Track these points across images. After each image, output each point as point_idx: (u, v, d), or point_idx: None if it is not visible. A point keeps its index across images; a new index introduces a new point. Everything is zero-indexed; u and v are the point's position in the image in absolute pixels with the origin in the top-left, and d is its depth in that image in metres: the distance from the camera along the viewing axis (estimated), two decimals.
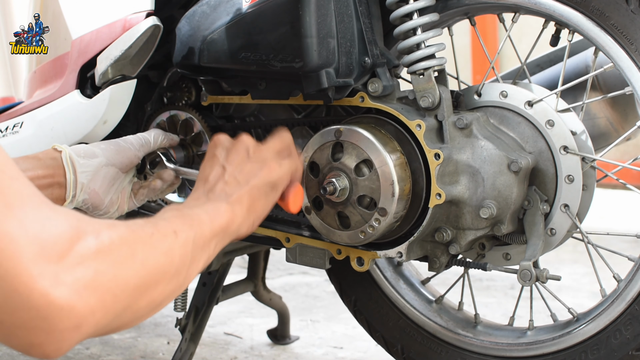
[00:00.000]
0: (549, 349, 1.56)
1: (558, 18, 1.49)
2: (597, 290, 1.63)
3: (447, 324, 1.68)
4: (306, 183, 1.55)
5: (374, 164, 1.48)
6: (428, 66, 1.50)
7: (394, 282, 1.75)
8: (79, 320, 0.88)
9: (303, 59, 1.47)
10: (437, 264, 1.57)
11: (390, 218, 1.48)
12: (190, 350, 1.89)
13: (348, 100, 1.55)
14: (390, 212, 1.48)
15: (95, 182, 1.51)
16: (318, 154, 1.54)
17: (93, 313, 0.89)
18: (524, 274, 1.49)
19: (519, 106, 1.53)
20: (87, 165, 1.50)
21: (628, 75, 1.44)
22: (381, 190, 1.48)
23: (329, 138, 1.53)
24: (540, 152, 1.53)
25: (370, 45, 1.52)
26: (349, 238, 1.53)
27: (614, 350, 1.49)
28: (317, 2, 1.46)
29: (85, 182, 1.49)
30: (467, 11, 1.59)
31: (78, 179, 1.48)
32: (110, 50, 1.64)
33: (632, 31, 1.42)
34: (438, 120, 1.51)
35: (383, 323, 1.75)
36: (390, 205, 1.48)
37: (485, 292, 2.61)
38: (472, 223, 1.51)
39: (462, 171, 1.50)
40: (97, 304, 0.90)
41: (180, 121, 1.72)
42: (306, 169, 1.55)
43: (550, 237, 1.54)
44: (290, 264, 1.63)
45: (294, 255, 1.64)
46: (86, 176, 1.50)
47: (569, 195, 1.51)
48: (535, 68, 1.83)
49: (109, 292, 0.91)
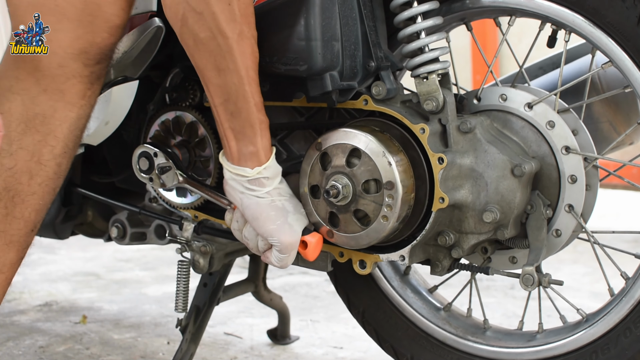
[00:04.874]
0: (559, 350, 1.56)
1: (554, 19, 1.49)
2: (597, 290, 1.64)
3: (456, 330, 1.68)
4: (315, 207, 1.56)
5: (359, 147, 1.49)
6: (432, 70, 1.50)
7: (401, 292, 1.74)
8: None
9: (307, 62, 1.47)
10: (440, 268, 1.57)
11: (400, 190, 1.48)
12: (191, 350, 1.89)
13: (352, 103, 1.55)
14: (397, 182, 1.47)
15: None
16: (312, 175, 1.55)
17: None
18: (527, 279, 1.49)
19: (518, 109, 1.54)
20: None
21: (626, 73, 1.45)
22: (378, 166, 1.48)
23: (313, 155, 1.54)
24: (543, 155, 1.53)
25: (374, 49, 1.52)
26: (376, 232, 1.51)
27: (625, 349, 1.49)
28: (321, 5, 1.46)
29: None
30: (463, 16, 1.59)
31: None
32: None
33: (629, 28, 1.42)
34: (442, 124, 1.51)
35: (392, 333, 1.75)
36: (392, 175, 1.47)
37: (486, 292, 2.62)
38: (475, 227, 1.51)
39: (465, 175, 1.50)
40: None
41: (185, 123, 1.72)
42: (309, 195, 1.55)
43: (556, 238, 1.54)
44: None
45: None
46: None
47: (573, 195, 1.51)
48: (537, 71, 1.83)
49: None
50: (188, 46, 1.47)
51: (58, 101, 1.49)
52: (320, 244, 1.56)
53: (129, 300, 2.62)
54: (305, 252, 1.55)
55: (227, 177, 1.53)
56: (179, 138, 1.73)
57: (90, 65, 1.50)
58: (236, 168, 1.51)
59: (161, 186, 1.67)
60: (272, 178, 1.52)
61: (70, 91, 1.49)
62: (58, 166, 1.52)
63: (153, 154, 1.67)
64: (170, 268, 2.91)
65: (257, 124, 1.49)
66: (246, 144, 1.49)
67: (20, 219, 1.51)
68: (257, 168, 1.50)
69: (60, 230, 1.97)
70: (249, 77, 1.46)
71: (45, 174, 1.51)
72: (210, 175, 1.70)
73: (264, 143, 1.50)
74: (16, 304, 2.56)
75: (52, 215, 1.92)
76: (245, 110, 1.47)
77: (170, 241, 1.84)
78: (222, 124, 1.50)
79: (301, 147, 1.67)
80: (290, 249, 1.53)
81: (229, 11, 1.42)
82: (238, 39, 1.44)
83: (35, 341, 2.21)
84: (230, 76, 1.45)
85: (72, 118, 1.51)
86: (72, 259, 3.12)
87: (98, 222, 2.02)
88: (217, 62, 1.45)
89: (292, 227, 1.52)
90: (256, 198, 1.51)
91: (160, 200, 1.76)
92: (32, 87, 1.49)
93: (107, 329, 2.32)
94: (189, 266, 1.78)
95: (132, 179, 1.75)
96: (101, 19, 1.48)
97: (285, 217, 1.52)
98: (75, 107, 1.51)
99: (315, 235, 1.55)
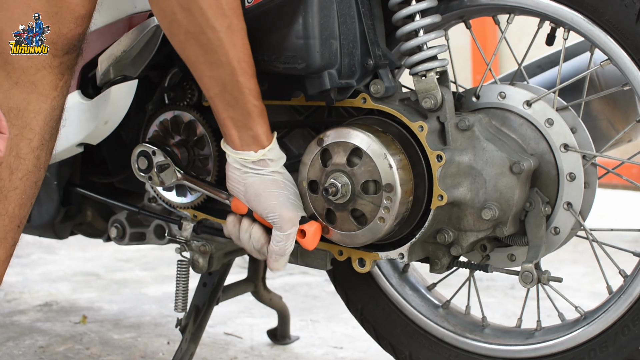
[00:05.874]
0: (557, 348, 1.56)
1: (553, 17, 1.49)
2: (597, 289, 1.64)
3: (455, 328, 1.68)
4: (312, 201, 1.56)
5: (361, 147, 1.49)
6: (430, 68, 1.50)
7: (400, 289, 1.74)
8: None
9: (306, 60, 1.47)
10: (439, 266, 1.57)
11: (399, 192, 1.48)
12: (191, 350, 1.89)
13: (350, 101, 1.55)
14: (396, 185, 1.47)
15: None
16: (311, 170, 1.55)
17: None
18: (526, 276, 1.49)
19: (517, 106, 1.54)
20: None
21: (625, 70, 1.45)
22: (378, 167, 1.48)
23: (314, 150, 1.54)
24: (542, 153, 1.53)
25: (372, 47, 1.52)
26: (371, 232, 1.52)
27: (623, 347, 1.49)
28: (319, 3, 1.46)
29: None
30: (462, 14, 1.59)
31: None
32: (111, 51, 1.64)
33: (627, 25, 1.42)
34: (440, 122, 1.51)
35: (390, 330, 1.74)
36: (392, 178, 1.47)
37: (486, 292, 2.61)
38: (474, 225, 1.51)
39: (464, 173, 1.50)
40: None
41: (184, 123, 1.72)
42: (307, 189, 1.55)
43: (554, 235, 1.54)
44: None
45: (295, 256, 1.64)
46: None
47: (571, 193, 1.52)
48: (536, 69, 1.83)
49: None
50: (178, 41, 1.49)
51: (30, 93, 1.50)
52: (319, 232, 1.55)
53: (129, 300, 2.62)
54: (304, 240, 1.54)
55: (230, 161, 1.55)
56: (178, 137, 1.73)
57: (59, 55, 1.50)
58: (239, 153, 1.53)
59: (160, 184, 1.67)
60: (276, 160, 1.54)
61: (42, 82, 1.50)
62: (37, 159, 1.52)
63: (151, 152, 1.67)
64: (170, 268, 2.91)
65: (254, 111, 1.50)
66: (246, 131, 1.51)
67: (5, 215, 1.51)
68: (261, 150, 1.52)
69: (60, 230, 1.97)
70: (242, 69, 1.48)
71: (25, 167, 1.51)
72: (210, 173, 1.70)
73: (264, 128, 1.52)
74: (16, 304, 2.56)
75: (52, 215, 1.92)
76: (241, 99, 1.49)
77: (169, 241, 1.84)
78: (220, 113, 1.52)
79: (300, 145, 1.67)
80: (290, 226, 1.53)
81: (217, 5, 1.44)
82: (227, 32, 1.45)
83: (35, 341, 2.21)
84: (222, 69, 1.47)
85: (46, 109, 1.52)
86: (72, 259, 3.12)
87: (97, 222, 2.02)
88: (208, 55, 1.47)
89: (293, 204, 1.54)
90: (259, 175, 1.53)
91: (159, 200, 1.76)
92: (4, 81, 1.49)
93: (107, 329, 2.32)
94: (189, 266, 1.78)
95: (131, 179, 1.75)
96: (66, 10, 1.48)
97: (287, 196, 1.54)
98: (48, 98, 1.51)
99: (313, 224, 1.54)
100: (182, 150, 1.71)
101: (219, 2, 1.44)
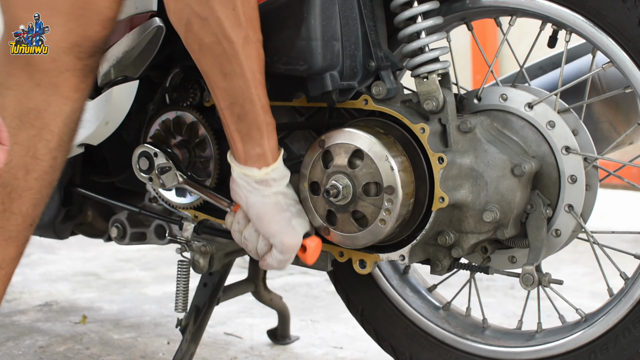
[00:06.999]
0: (557, 350, 1.56)
1: (555, 19, 1.49)
2: (597, 290, 1.64)
3: (455, 329, 1.68)
4: (313, 203, 1.56)
5: (363, 149, 1.49)
6: (432, 70, 1.50)
7: (400, 290, 1.74)
8: None
9: (307, 62, 1.47)
10: (439, 267, 1.58)
11: (400, 194, 1.48)
12: (191, 350, 1.89)
13: (352, 102, 1.55)
14: (397, 187, 1.47)
15: None
16: (312, 172, 1.55)
17: None
18: (527, 278, 1.49)
19: (519, 108, 1.54)
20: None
21: (627, 73, 1.45)
22: (380, 170, 1.48)
23: (316, 152, 1.54)
24: (543, 155, 1.53)
25: (374, 48, 1.52)
26: (372, 234, 1.52)
27: (624, 349, 1.49)
28: (322, 5, 1.46)
29: None
30: (464, 16, 1.59)
31: None
32: (112, 51, 1.63)
33: (629, 28, 1.42)
34: (442, 124, 1.51)
35: (391, 332, 1.75)
36: (394, 180, 1.47)
37: (486, 292, 2.62)
38: (475, 227, 1.51)
39: (465, 175, 1.50)
40: None
41: (185, 123, 1.71)
42: (308, 190, 1.55)
43: (555, 238, 1.54)
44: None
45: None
46: None
47: (573, 195, 1.52)
48: (537, 71, 1.83)
49: None
50: (193, 51, 1.47)
51: (52, 95, 1.49)
52: (319, 248, 1.56)
53: (129, 300, 2.62)
54: (305, 255, 1.55)
55: (235, 176, 1.54)
56: (179, 138, 1.73)
57: (83, 58, 1.50)
58: (244, 168, 1.52)
59: (161, 186, 1.67)
60: (279, 180, 1.53)
61: (64, 85, 1.49)
62: (54, 160, 1.52)
63: (153, 154, 1.67)
64: (170, 268, 2.91)
65: (263, 126, 1.49)
66: (253, 146, 1.50)
67: (18, 214, 1.51)
68: (265, 169, 1.51)
69: (60, 230, 1.97)
70: (255, 80, 1.46)
71: (41, 168, 1.51)
72: (210, 175, 1.70)
73: (271, 145, 1.51)
74: (16, 304, 2.56)
75: (52, 215, 1.92)
76: (251, 113, 1.48)
77: (170, 241, 1.84)
78: (229, 126, 1.50)
79: (301, 147, 1.67)
80: (291, 251, 1.53)
81: (234, 16, 1.42)
82: (244, 43, 1.44)
83: (35, 341, 2.21)
84: (236, 80, 1.46)
85: (67, 112, 1.51)
86: (72, 259, 3.12)
87: (98, 222, 2.02)
88: (222, 66, 1.45)
89: (294, 229, 1.53)
90: (262, 197, 1.52)
91: (160, 200, 1.76)
92: (25, 81, 1.49)
93: (107, 329, 2.32)
94: (189, 266, 1.78)
95: (132, 179, 1.75)
96: (93, 12, 1.48)
97: (289, 219, 1.52)
98: (69, 100, 1.51)
99: (315, 240, 1.55)
100: (183, 151, 1.71)
101: (237, 13, 1.43)
